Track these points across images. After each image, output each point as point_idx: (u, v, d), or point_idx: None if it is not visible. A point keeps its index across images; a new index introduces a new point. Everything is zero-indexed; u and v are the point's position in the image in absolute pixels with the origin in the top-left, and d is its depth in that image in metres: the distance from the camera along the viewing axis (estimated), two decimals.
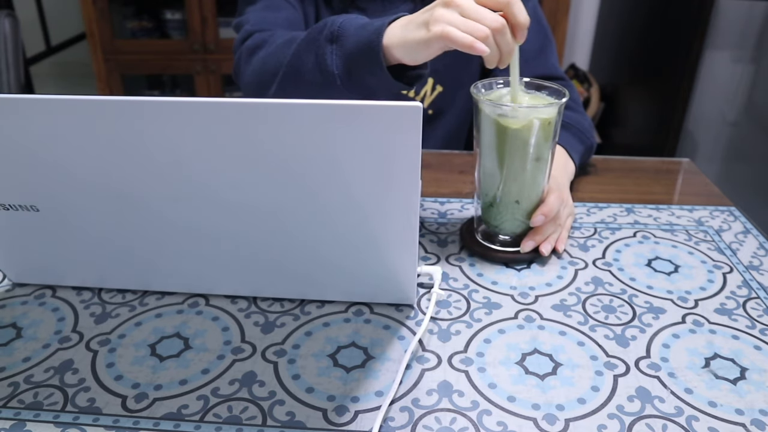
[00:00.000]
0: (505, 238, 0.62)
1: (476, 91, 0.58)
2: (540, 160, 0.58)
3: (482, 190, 0.62)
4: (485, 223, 0.63)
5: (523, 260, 0.61)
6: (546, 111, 0.56)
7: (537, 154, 0.57)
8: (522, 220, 0.61)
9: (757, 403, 0.44)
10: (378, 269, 0.50)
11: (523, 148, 0.57)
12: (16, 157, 0.45)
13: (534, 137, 0.56)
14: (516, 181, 0.59)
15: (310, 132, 0.40)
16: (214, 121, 0.41)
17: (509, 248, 0.62)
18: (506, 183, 0.59)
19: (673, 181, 0.81)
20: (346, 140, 0.40)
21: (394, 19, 0.59)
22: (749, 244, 0.65)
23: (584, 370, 0.47)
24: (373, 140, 0.40)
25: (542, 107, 0.56)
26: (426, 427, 0.42)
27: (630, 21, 2.17)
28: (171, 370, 0.47)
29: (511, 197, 0.60)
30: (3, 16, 1.24)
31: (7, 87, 1.24)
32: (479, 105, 0.58)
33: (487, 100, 0.57)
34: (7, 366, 0.48)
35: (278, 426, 0.42)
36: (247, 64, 0.75)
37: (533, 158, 0.57)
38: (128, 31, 2.21)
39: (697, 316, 0.54)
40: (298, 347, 0.49)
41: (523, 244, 0.61)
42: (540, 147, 0.57)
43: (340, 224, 0.46)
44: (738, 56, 1.68)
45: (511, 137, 0.56)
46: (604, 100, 2.40)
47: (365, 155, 0.41)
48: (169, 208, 0.47)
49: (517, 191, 0.59)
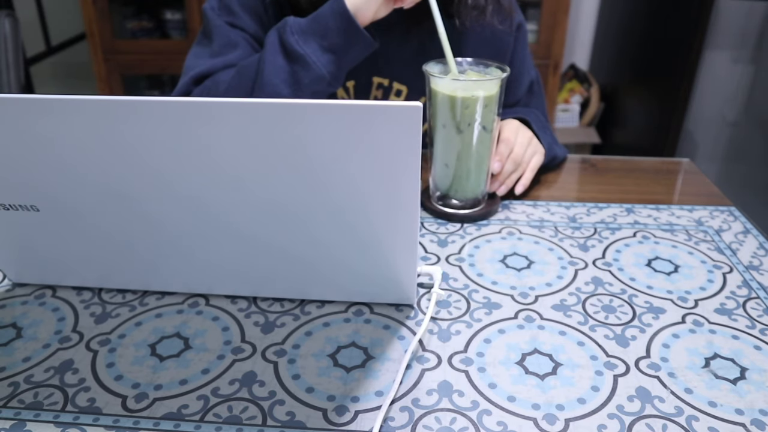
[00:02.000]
0: (457, 202, 0.69)
1: (428, 68, 0.65)
2: (486, 130, 0.65)
3: (435, 160, 0.69)
4: (439, 190, 0.70)
5: (478, 217, 0.69)
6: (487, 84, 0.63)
7: (483, 123, 0.65)
8: (473, 188, 0.69)
9: (757, 403, 0.44)
10: (378, 269, 0.50)
11: (470, 116, 0.64)
12: (16, 157, 0.45)
13: (479, 106, 0.63)
14: (465, 150, 0.66)
15: (309, 132, 0.40)
16: (213, 122, 0.41)
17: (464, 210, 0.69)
18: (459, 153, 0.67)
19: (673, 181, 0.81)
20: (346, 140, 0.40)
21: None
22: (749, 244, 0.65)
23: (584, 370, 0.47)
24: (373, 140, 0.40)
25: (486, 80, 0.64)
26: (426, 427, 0.42)
27: (630, 21, 2.17)
28: (171, 370, 0.47)
29: (462, 166, 0.67)
30: (3, 16, 1.24)
31: (7, 87, 1.24)
32: (431, 81, 0.65)
33: (438, 75, 0.64)
34: (7, 366, 0.48)
35: (278, 426, 0.42)
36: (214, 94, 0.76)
37: (480, 127, 0.65)
38: (128, 31, 2.21)
39: (697, 316, 0.54)
40: (298, 347, 0.49)
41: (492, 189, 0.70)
42: (485, 117, 0.64)
43: (340, 224, 0.46)
44: (738, 56, 1.68)
45: (461, 107, 0.64)
46: (604, 100, 2.40)
47: (365, 155, 0.41)
48: (169, 208, 0.47)
49: (465, 159, 0.66)
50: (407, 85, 0.84)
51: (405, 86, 0.84)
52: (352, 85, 0.84)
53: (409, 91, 0.85)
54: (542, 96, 0.91)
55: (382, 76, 0.84)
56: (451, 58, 0.66)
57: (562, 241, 0.65)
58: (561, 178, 0.81)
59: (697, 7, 1.66)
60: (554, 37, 2.09)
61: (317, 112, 0.39)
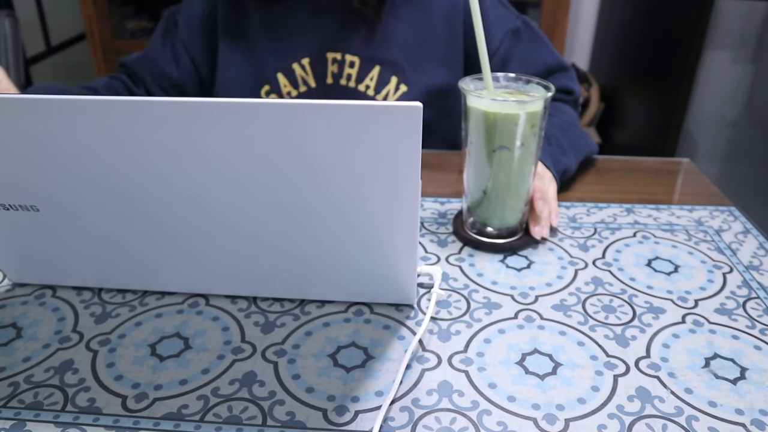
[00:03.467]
0: (493, 230, 0.64)
1: (464, 85, 0.60)
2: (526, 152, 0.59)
3: (471, 184, 0.63)
4: (474, 216, 0.65)
5: (515, 247, 0.63)
6: (531, 105, 0.57)
7: (524, 146, 0.59)
8: (510, 213, 0.63)
9: (757, 403, 0.44)
10: (378, 269, 0.50)
11: (509, 138, 0.58)
12: (16, 157, 0.44)
13: (520, 127, 0.58)
14: (504, 172, 0.60)
15: (309, 132, 0.40)
16: (213, 122, 0.41)
17: (500, 239, 0.64)
18: (495, 175, 0.61)
19: (673, 181, 0.81)
20: (346, 140, 0.40)
21: None
22: (749, 244, 0.65)
23: (584, 370, 0.47)
24: (373, 140, 0.40)
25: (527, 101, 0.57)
26: (426, 427, 0.42)
27: (630, 21, 2.17)
28: (171, 370, 0.47)
29: (499, 190, 0.61)
30: (3, 16, 1.24)
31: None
32: (467, 98, 0.59)
33: (475, 92, 0.58)
34: (7, 366, 0.48)
35: (278, 426, 0.42)
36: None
37: (520, 150, 0.59)
38: (128, 31, 2.21)
39: (697, 316, 0.54)
40: (298, 347, 0.49)
41: (534, 232, 0.64)
42: (526, 138, 0.58)
43: (340, 224, 0.46)
44: (738, 56, 1.68)
45: (500, 128, 0.58)
46: (604, 100, 2.40)
47: (365, 155, 0.41)
48: (169, 208, 0.47)
49: (504, 183, 0.61)
50: (358, 55, 0.88)
51: (357, 57, 0.88)
52: (307, 62, 0.89)
53: (361, 61, 0.88)
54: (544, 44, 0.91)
55: (334, 51, 0.88)
56: (488, 74, 0.60)
57: (562, 241, 0.65)
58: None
59: (697, 7, 1.66)
60: (554, 37, 2.10)
61: (317, 112, 0.39)
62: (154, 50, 0.94)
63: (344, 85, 0.89)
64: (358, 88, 0.89)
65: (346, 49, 0.88)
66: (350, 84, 0.89)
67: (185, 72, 0.94)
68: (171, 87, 0.95)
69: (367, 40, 0.87)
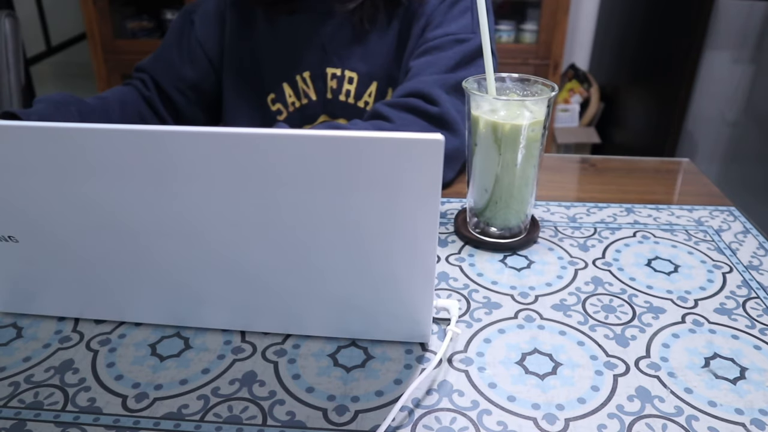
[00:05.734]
0: (496, 231, 0.64)
1: (467, 85, 0.59)
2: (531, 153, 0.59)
3: (476, 186, 0.63)
4: (477, 217, 0.64)
5: (515, 247, 0.63)
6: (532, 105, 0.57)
7: (528, 146, 0.59)
8: (514, 216, 0.63)
9: (757, 403, 0.44)
10: (392, 306, 0.47)
11: (513, 138, 0.58)
12: None
13: (524, 133, 0.58)
14: (507, 175, 0.60)
15: (325, 164, 0.38)
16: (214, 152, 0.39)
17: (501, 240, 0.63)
18: (499, 177, 0.60)
19: (673, 181, 0.81)
20: (363, 172, 0.38)
21: None
22: (749, 244, 0.65)
23: (584, 370, 0.47)
24: (391, 173, 0.38)
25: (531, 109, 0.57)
26: (426, 427, 0.42)
27: (630, 21, 2.17)
28: (171, 369, 0.47)
29: (502, 192, 0.61)
30: (3, 16, 1.24)
31: (7, 87, 1.24)
32: (470, 104, 0.59)
33: (478, 93, 0.58)
34: (7, 366, 0.48)
35: (278, 426, 0.42)
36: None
37: (523, 150, 0.59)
38: (128, 31, 2.21)
39: (696, 316, 0.54)
40: (298, 347, 0.49)
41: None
42: (530, 139, 0.58)
43: (352, 261, 0.44)
44: (738, 56, 1.68)
45: (504, 136, 0.58)
46: (604, 100, 2.40)
47: (383, 188, 0.39)
48: (164, 241, 0.44)
49: (508, 187, 0.61)
50: (356, 71, 0.88)
51: (355, 72, 0.88)
52: (308, 75, 0.89)
53: (359, 76, 0.88)
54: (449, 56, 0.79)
55: (334, 67, 0.88)
56: (491, 75, 0.59)
57: (562, 240, 0.65)
58: (561, 178, 0.81)
59: (697, 7, 1.67)
60: (554, 37, 2.10)
61: (333, 144, 0.38)
62: (169, 52, 0.94)
63: (343, 101, 0.89)
64: (357, 105, 0.89)
65: (345, 64, 0.88)
66: (349, 100, 0.89)
67: (202, 72, 0.93)
68: (188, 89, 0.94)
69: (365, 56, 0.88)
